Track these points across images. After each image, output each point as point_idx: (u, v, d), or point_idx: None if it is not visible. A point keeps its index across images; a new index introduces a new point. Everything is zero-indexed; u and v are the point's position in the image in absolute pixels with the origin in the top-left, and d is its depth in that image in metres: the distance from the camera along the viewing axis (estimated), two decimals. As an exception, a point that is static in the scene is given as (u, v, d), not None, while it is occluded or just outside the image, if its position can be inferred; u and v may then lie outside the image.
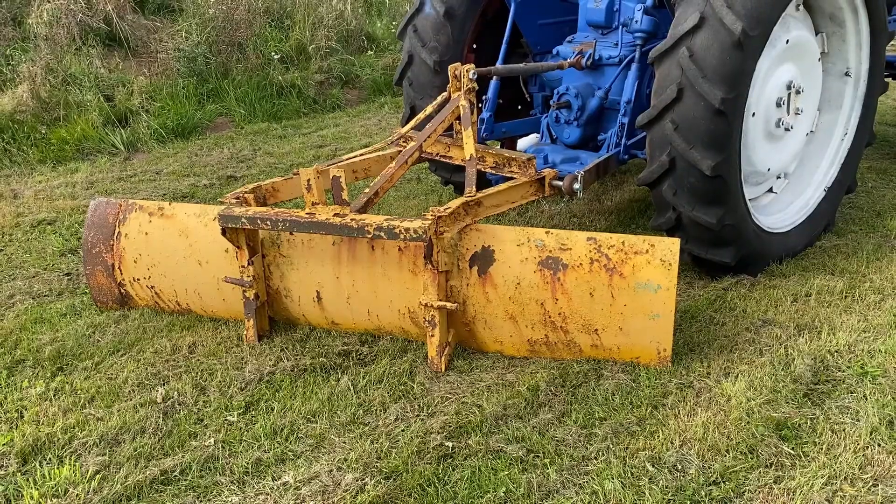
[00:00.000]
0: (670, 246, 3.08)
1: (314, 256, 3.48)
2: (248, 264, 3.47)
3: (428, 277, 3.20)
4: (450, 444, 2.77)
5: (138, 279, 3.80)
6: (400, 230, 3.08)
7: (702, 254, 3.92)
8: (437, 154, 4.14)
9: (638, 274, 3.07)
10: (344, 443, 2.82)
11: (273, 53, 8.52)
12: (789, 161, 4.38)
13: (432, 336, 3.26)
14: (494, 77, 4.59)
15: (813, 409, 2.92)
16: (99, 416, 3.02)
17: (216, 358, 3.43)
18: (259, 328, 3.57)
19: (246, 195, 3.54)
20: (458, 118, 3.88)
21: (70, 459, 2.77)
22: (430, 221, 3.10)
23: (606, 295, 3.11)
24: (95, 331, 3.73)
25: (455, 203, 3.30)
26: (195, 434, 2.91)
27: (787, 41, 3.94)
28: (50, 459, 2.78)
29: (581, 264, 3.13)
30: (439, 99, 4.08)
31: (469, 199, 3.37)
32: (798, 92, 4.08)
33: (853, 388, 3.04)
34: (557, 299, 3.17)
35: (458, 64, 3.91)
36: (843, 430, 2.78)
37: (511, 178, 3.83)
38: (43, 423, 2.98)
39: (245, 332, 3.57)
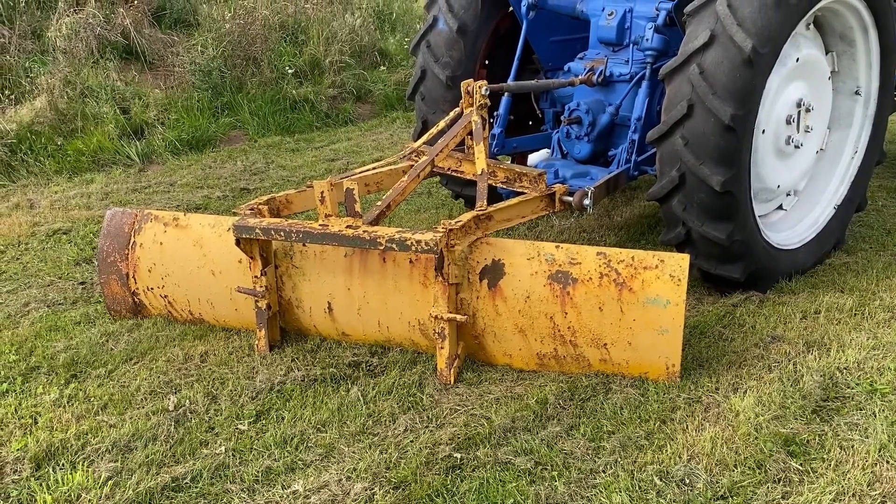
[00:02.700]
0: (679, 262, 3.10)
1: (326, 268, 3.52)
2: (262, 275, 3.51)
3: (438, 290, 3.23)
4: (458, 456, 2.79)
5: (152, 288, 3.84)
6: (412, 242, 3.11)
7: (711, 269, 3.93)
8: (449, 168, 4.19)
9: (647, 289, 3.09)
10: (353, 452, 2.84)
11: (287, 68, 8.62)
12: (799, 178, 4.39)
13: (442, 348, 3.28)
14: (506, 93, 4.64)
15: (821, 425, 2.92)
16: (112, 422, 3.06)
17: (227, 367, 3.46)
18: (270, 338, 3.60)
19: (260, 206, 3.58)
20: (470, 133, 3.92)
21: (83, 465, 2.80)
22: (441, 234, 3.14)
23: (616, 309, 3.12)
24: (109, 339, 3.77)
25: (466, 216, 3.34)
26: (206, 442, 2.94)
27: (798, 59, 3.97)
28: (63, 465, 2.82)
29: (591, 279, 3.15)
30: (452, 114, 4.12)
31: (480, 212, 3.40)
32: (808, 110, 4.11)
33: (862, 405, 3.04)
34: (567, 313, 3.19)
35: (471, 80, 3.95)
36: (852, 446, 2.78)
37: (522, 193, 3.87)
38: (56, 430, 3.02)
39: (256, 342, 3.60)
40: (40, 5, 8.01)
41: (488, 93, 3.91)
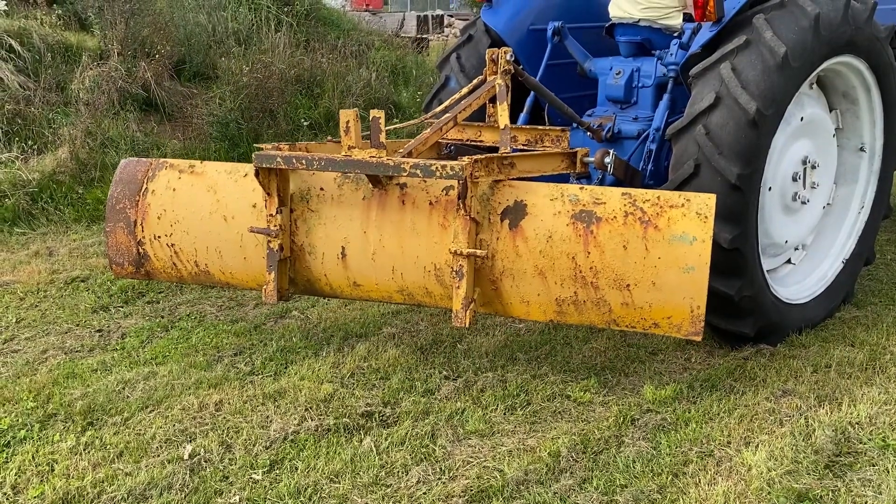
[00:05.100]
0: (706, 200, 3.07)
1: (343, 211, 3.48)
2: (277, 213, 3.49)
3: (459, 224, 3.20)
4: (471, 508, 2.80)
5: (159, 237, 3.77)
6: (436, 168, 3.13)
7: (721, 324, 3.95)
8: (468, 139, 4.20)
9: (673, 226, 3.04)
10: (366, 504, 2.86)
11: (302, 120, 8.84)
12: (807, 233, 4.46)
13: (458, 288, 3.24)
14: (525, 111, 4.78)
15: (834, 480, 2.92)
16: (127, 471, 3.09)
17: (242, 416, 3.50)
18: (279, 285, 3.54)
19: (281, 146, 3.62)
20: (493, 100, 3.89)
21: (99, 514, 2.83)
22: (466, 163, 3.15)
23: (640, 247, 3.06)
24: (125, 387, 3.82)
25: (490, 155, 3.35)
26: (221, 491, 2.96)
27: (802, 118, 4.07)
28: (79, 513, 2.85)
29: (615, 217, 3.11)
30: (475, 81, 4.07)
31: (504, 155, 3.41)
32: (813, 167, 4.20)
33: (875, 460, 3.04)
34: (589, 253, 3.12)
35: (496, 48, 3.98)
36: (865, 502, 2.78)
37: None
38: (73, 477, 3.05)
39: (264, 289, 3.55)
40: (65, 59, 8.28)
41: (513, 59, 3.92)
